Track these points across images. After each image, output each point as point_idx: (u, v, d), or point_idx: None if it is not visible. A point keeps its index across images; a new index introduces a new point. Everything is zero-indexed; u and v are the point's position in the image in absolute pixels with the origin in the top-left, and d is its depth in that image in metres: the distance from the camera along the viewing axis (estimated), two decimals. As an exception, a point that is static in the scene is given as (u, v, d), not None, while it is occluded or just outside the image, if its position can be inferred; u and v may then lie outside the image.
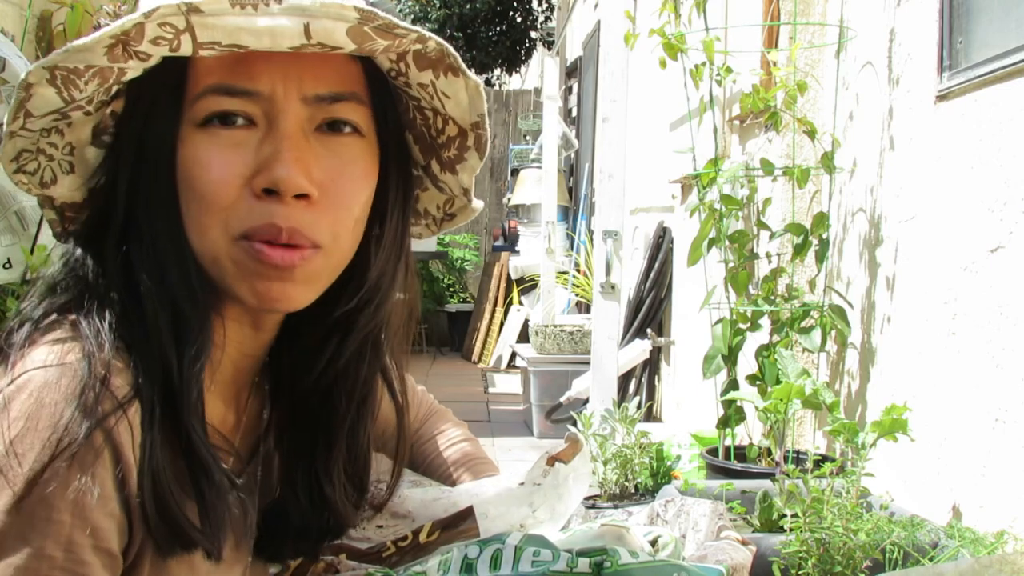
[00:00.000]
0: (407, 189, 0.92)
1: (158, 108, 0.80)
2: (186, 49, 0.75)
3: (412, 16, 9.92)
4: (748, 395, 2.25)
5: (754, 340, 2.46)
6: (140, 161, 0.81)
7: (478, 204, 1.00)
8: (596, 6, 6.18)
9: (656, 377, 4.43)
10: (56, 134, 0.82)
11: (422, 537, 1.06)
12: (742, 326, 2.43)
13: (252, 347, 0.90)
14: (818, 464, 1.87)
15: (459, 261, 8.90)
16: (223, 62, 0.78)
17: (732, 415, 2.41)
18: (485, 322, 7.56)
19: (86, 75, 0.75)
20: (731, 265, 2.45)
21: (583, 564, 0.95)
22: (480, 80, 0.87)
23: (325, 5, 0.74)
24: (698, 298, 2.62)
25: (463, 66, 0.83)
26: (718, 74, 2.44)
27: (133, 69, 0.77)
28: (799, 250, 2.38)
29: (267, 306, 0.84)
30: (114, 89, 0.80)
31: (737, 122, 3.10)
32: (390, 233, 0.90)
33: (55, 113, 0.78)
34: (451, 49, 0.82)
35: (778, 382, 2.17)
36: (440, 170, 0.94)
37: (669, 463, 2.57)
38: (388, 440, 1.09)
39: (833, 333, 2.38)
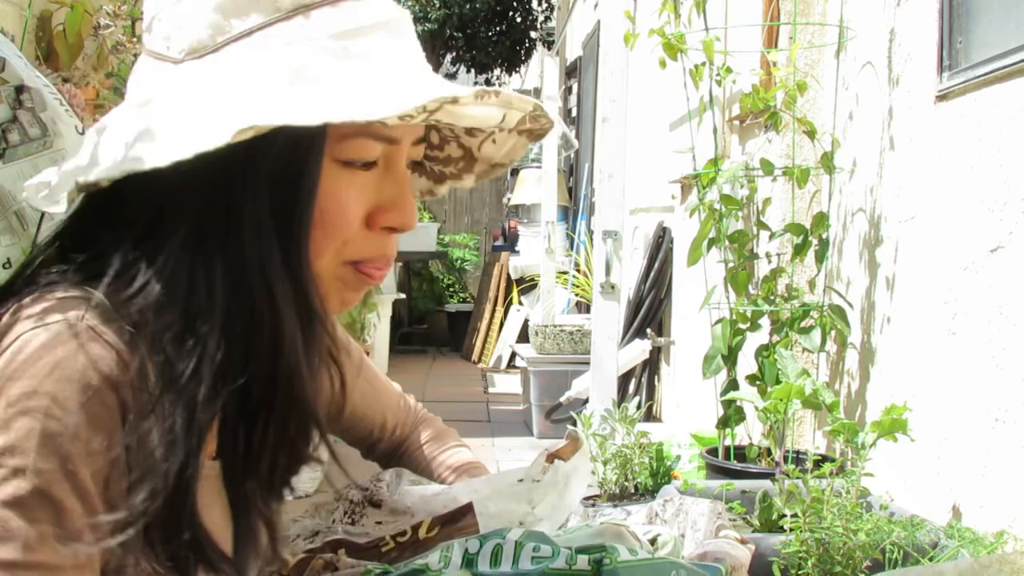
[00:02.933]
0: None
1: (309, 138, 0.81)
2: (419, 119, 0.83)
3: (412, 16, 9.90)
4: (748, 395, 2.25)
5: (754, 340, 2.46)
6: (273, 177, 0.81)
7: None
8: (596, 6, 6.17)
9: (656, 377, 4.43)
10: None
11: (421, 533, 1.06)
12: (742, 326, 2.43)
13: None
14: (818, 464, 1.87)
15: (459, 261, 8.91)
16: None
17: (732, 415, 2.41)
18: (485, 322, 7.56)
19: None
20: (731, 265, 2.45)
21: (582, 561, 0.95)
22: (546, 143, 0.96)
23: (521, 100, 0.86)
24: (698, 298, 2.62)
25: (543, 137, 0.97)
26: (718, 74, 2.44)
27: None
28: (799, 250, 2.38)
29: (341, 310, 0.91)
30: None
31: (737, 122, 3.10)
32: None
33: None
34: (550, 127, 0.94)
35: (778, 382, 2.17)
36: (418, 175, 1.04)
37: (669, 463, 2.57)
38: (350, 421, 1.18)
39: (833, 333, 2.38)
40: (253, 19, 0.80)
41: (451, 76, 11.66)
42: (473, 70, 11.10)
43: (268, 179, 0.80)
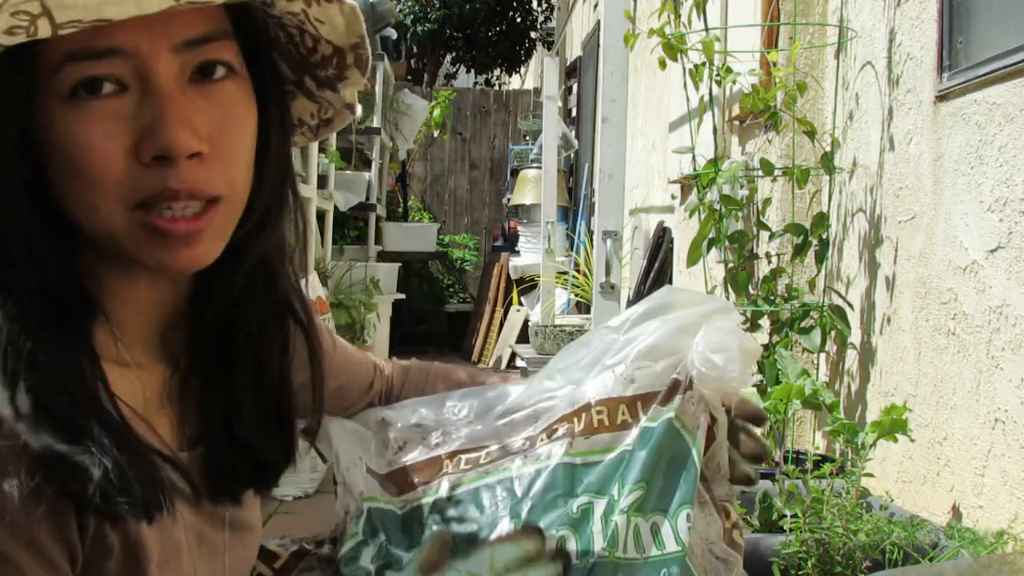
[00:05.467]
0: (284, 115, 0.89)
1: (3, 87, 0.75)
2: (44, 32, 0.69)
3: (412, 16, 9.92)
4: (748, 395, 2.25)
5: (754, 340, 2.45)
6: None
7: (358, 110, 0.99)
8: (596, 6, 6.17)
9: (656, 377, 4.42)
10: None
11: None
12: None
13: (172, 302, 0.88)
14: (818, 464, 1.87)
15: (459, 261, 8.90)
16: None
17: (732, 415, 2.41)
18: (485, 322, 7.56)
19: None
20: (731, 265, 2.45)
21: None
22: (355, 3, 0.84)
23: None
24: (698, 298, 2.62)
25: None
26: (718, 74, 2.44)
27: None
28: (799, 250, 2.38)
29: (179, 271, 0.83)
30: None
31: (737, 122, 3.10)
32: (272, 162, 0.86)
33: None
34: None
35: (778, 382, 2.17)
36: (317, 87, 0.92)
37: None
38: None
39: (833, 333, 2.38)
40: None
41: (451, 76, 11.67)
42: (473, 70, 11.11)
43: None
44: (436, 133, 7.82)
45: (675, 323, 1.04)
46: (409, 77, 10.04)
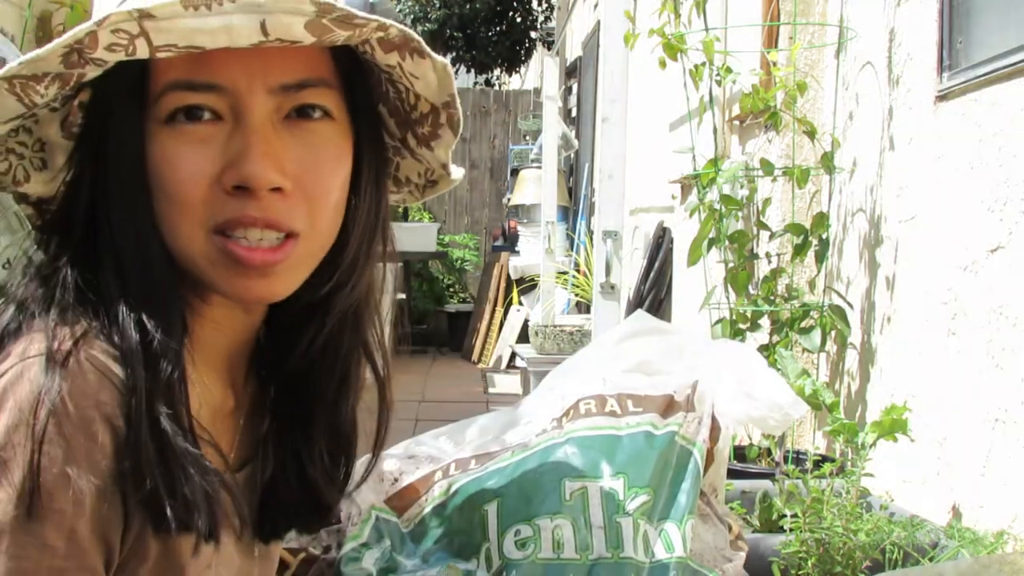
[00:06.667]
0: (380, 167, 0.91)
1: (118, 105, 0.79)
2: (142, 53, 0.74)
3: (412, 16, 9.91)
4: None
5: (754, 340, 2.45)
6: (101, 157, 0.80)
7: (458, 173, 0.99)
8: (596, 6, 6.18)
9: (656, 377, 4.42)
10: (24, 132, 0.81)
11: None
12: (742, 326, 2.43)
13: (244, 329, 0.90)
14: (818, 464, 1.87)
15: (459, 261, 8.90)
16: (184, 56, 0.76)
17: (732, 415, 2.41)
18: (485, 322, 7.56)
19: (45, 80, 0.75)
20: (731, 265, 2.45)
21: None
22: (447, 60, 0.86)
23: (279, 0, 0.72)
24: (698, 298, 2.62)
25: (428, 49, 0.82)
26: (718, 74, 2.44)
27: (92, 72, 0.76)
28: (799, 250, 2.37)
29: (250, 302, 0.84)
30: (78, 84, 0.79)
31: (737, 122, 3.10)
32: (363, 212, 0.88)
33: (18, 118, 0.78)
34: (414, 34, 0.81)
35: (778, 382, 2.17)
36: (416, 144, 0.94)
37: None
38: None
39: (833, 333, 2.38)
40: None
41: (451, 76, 11.66)
42: (473, 70, 11.10)
43: (94, 146, 0.79)
44: (436, 133, 7.80)
45: (662, 345, 1.07)
46: (409, 77, 10.01)
